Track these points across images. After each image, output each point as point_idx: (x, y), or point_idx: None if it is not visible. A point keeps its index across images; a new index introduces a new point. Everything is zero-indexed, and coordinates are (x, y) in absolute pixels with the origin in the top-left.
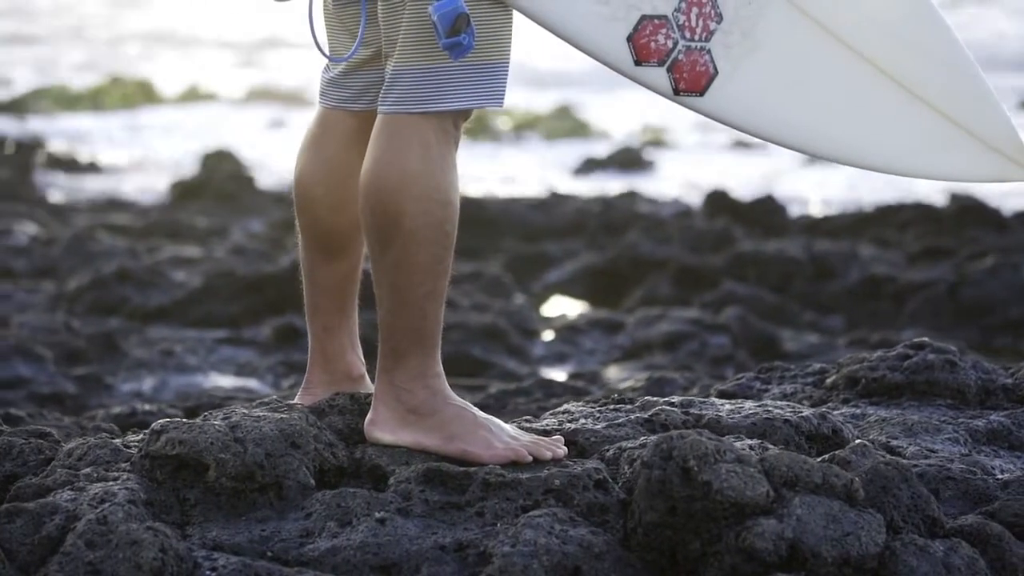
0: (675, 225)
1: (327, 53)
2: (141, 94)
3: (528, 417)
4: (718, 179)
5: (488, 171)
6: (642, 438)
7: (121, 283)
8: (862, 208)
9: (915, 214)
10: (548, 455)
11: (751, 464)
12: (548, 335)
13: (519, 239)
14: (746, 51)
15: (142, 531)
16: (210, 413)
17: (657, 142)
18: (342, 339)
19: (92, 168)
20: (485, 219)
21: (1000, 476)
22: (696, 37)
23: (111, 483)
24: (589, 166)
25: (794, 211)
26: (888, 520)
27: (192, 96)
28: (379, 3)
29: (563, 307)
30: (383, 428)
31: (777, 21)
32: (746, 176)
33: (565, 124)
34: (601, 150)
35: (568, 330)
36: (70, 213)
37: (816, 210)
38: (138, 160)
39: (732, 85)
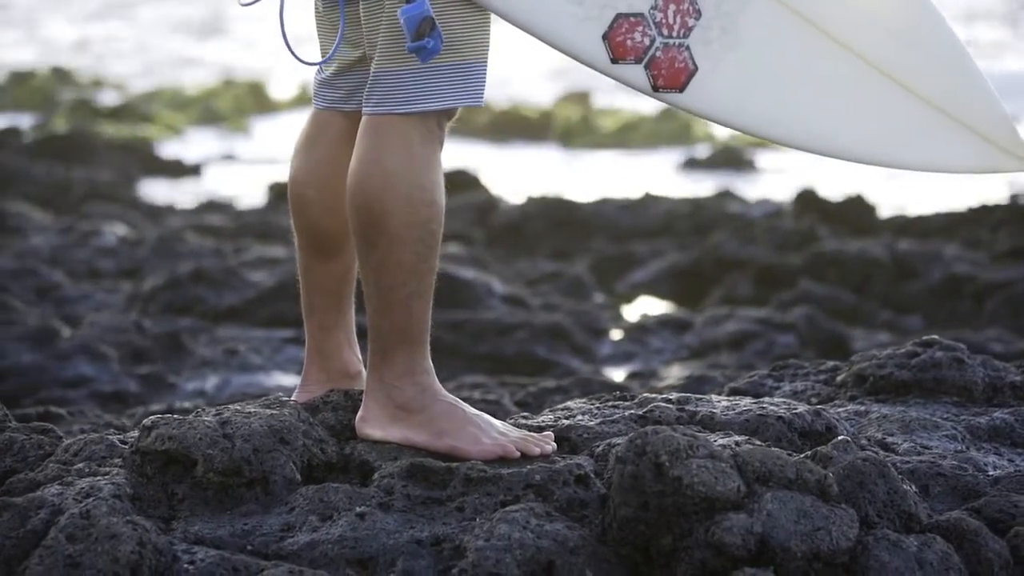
0: (762, 225)
1: (298, 54)
2: (252, 96)
3: (525, 413)
4: (818, 178)
5: (589, 173)
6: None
7: (196, 283)
8: (955, 208)
9: (1008, 214)
10: (536, 451)
11: (723, 459)
12: (617, 335)
13: (608, 240)
14: (726, 46)
15: (121, 525)
16: (203, 409)
17: (761, 142)
18: (338, 337)
19: (194, 171)
20: (575, 220)
21: (992, 473)
22: (674, 34)
23: (99, 478)
24: (690, 167)
25: (889, 211)
26: (863, 515)
27: (303, 100)
28: (360, 5)
29: (645, 307)
30: (373, 424)
31: (759, 16)
32: (848, 175)
33: (669, 126)
34: (704, 151)
35: (637, 330)
36: (165, 215)
37: (911, 210)
38: (240, 162)
39: (713, 81)
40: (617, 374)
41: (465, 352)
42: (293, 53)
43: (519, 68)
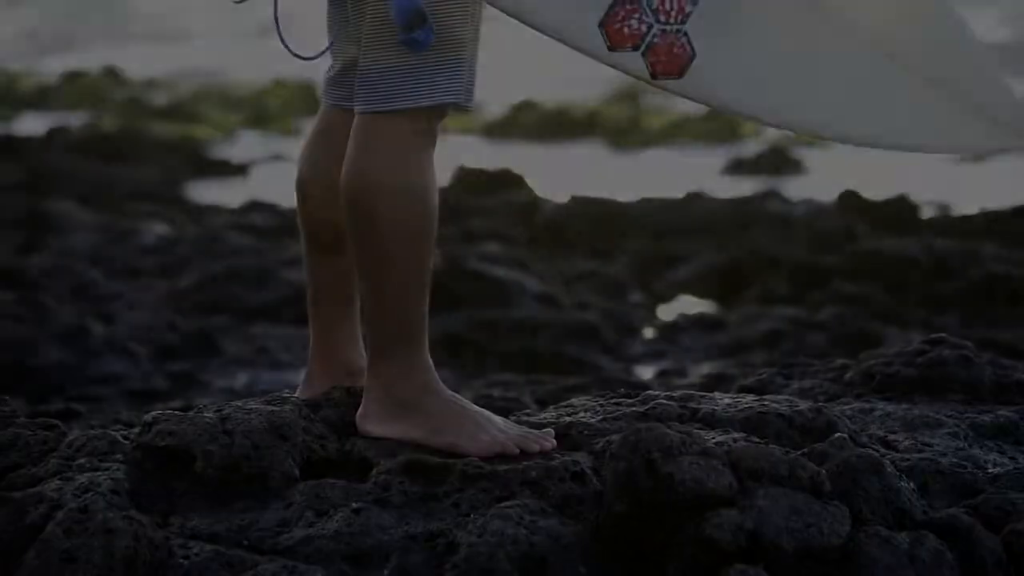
0: (802, 224)
1: (293, 50)
2: (301, 97)
3: (527, 410)
4: (866, 178)
5: (635, 172)
6: None
7: (230, 281)
8: (1000, 207)
9: None
10: (535, 448)
11: (716, 456)
12: (649, 333)
13: (649, 239)
14: (724, 31)
15: (118, 520)
16: (205, 405)
17: (809, 141)
18: (342, 334)
19: (241, 171)
20: (616, 219)
21: (992, 470)
22: (671, 20)
23: (99, 473)
24: (736, 165)
25: (933, 211)
26: (856, 512)
27: None
28: (348, 3)
29: (681, 306)
30: (373, 421)
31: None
32: (896, 173)
33: (716, 125)
34: (751, 150)
35: (669, 328)
36: (209, 214)
37: (955, 210)
38: (288, 163)
39: (712, 66)
40: (646, 373)
41: (495, 350)
42: (287, 47)
43: (566, 68)
